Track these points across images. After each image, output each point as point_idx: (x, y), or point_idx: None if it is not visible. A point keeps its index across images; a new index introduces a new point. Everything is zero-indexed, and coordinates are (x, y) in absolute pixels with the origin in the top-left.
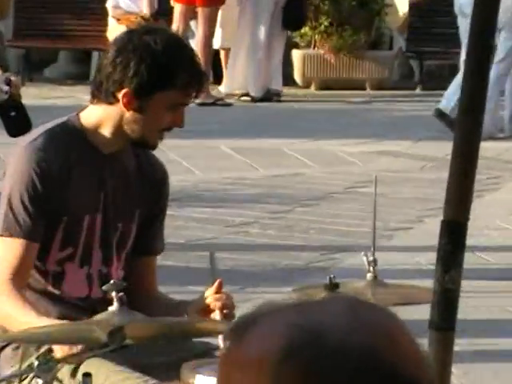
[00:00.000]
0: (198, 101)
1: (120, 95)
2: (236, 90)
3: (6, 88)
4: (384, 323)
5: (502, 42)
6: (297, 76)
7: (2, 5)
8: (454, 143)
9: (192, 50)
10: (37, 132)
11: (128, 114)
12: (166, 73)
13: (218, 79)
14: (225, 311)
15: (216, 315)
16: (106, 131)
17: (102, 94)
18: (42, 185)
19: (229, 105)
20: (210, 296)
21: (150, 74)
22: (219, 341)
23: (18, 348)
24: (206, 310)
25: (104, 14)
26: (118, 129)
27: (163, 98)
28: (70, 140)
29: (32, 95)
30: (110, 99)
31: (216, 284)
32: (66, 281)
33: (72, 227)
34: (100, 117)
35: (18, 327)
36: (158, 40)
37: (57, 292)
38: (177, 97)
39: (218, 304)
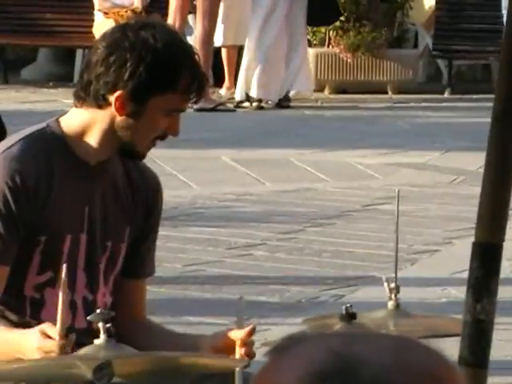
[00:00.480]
0: (196, 106)
1: (112, 98)
2: (249, 96)
3: None
4: (430, 365)
5: None
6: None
7: None
8: (487, 152)
9: (193, 48)
10: (12, 139)
11: (119, 119)
12: (166, 74)
13: (219, 81)
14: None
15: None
16: (92, 139)
17: (90, 97)
18: (15, 201)
19: (231, 110)
20: (240, 338)
21: (149, 75)
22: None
23: None
24: (225, 349)
25: (90, 7)
26: (107, 136)
27: (161, 102)
28: (49, 149)
29: (8, 99)
30: (100, 102)
31: (250, 328)
32: (46, 309)
33: (51, 248)
34: (86, 122)
35: None
36: (158, 36)
37: (35, 322)
38: (175, 101)
39: (246, 349)
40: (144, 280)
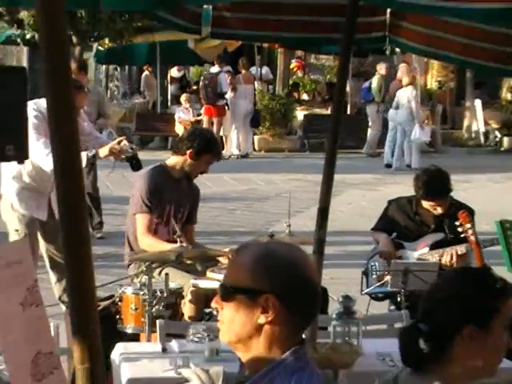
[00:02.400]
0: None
1: (188, 152)
2: (232, 153)
3: (131, 150)
4: (300, 251)
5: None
6: (256, 146)
7: (131, 116)
8: (323, 175)
9: (218, 140)
10: (147, 168)
11: (189, 161)
12: (210, 146)
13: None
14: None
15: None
16: (177, 167)
17: (179, 151)
18: (150, 191)
19: (226, 159)
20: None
21: (204, 146)
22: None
23: (136, 263)
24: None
25: (173, 120)
26: (181, 167)
27: (205, 158)
28: (161, 172)
29: (142, 156)
30: (183, 153)
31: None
32: (158, 233)
33: (162, 210)
34: (175, 161)
35: (155, 249)
36: (207, 132)
37: (156, 236)
38: (210, 158)
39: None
40: (194, 225)
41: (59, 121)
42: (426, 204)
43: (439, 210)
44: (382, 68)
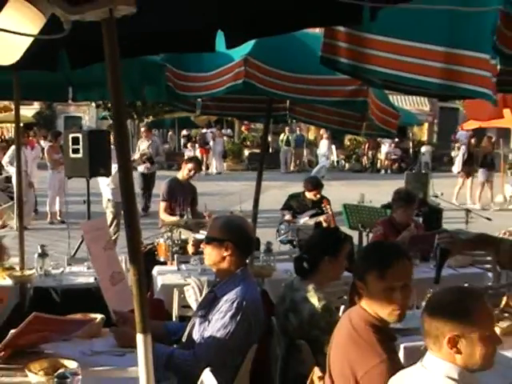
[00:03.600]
0: (204, 172)
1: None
2: (213, 172)
3: (149, 154)
4: (245, 220)
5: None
6: (225, 168)
7: (163, 154)
8: (256, 183)
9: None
10: (168, 179)
11: (184, 173)
12: (197, 160)
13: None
14: None
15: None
16: (181, 177)
17: (183, 165)
18: (168, 191)
19: (210, 174)
20: None
21: (194, 160)
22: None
23: (165, 226)
24: None
25: (183, 155)
26: (183, 175)
27: (195, 167)
28: (175, 180)
29: (168, 173)
30: (183, 165)
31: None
32: (175, 210)
33: (176, 200)
34: (180, 174)
35: (167, 219)
36: (196, 157)
37: (171, 212)
38: (195, 167)
39: None
40: (196, 206)
41: (121, 147)
42: (309, 194)
43: (317, 196)
44: (285, 129)
